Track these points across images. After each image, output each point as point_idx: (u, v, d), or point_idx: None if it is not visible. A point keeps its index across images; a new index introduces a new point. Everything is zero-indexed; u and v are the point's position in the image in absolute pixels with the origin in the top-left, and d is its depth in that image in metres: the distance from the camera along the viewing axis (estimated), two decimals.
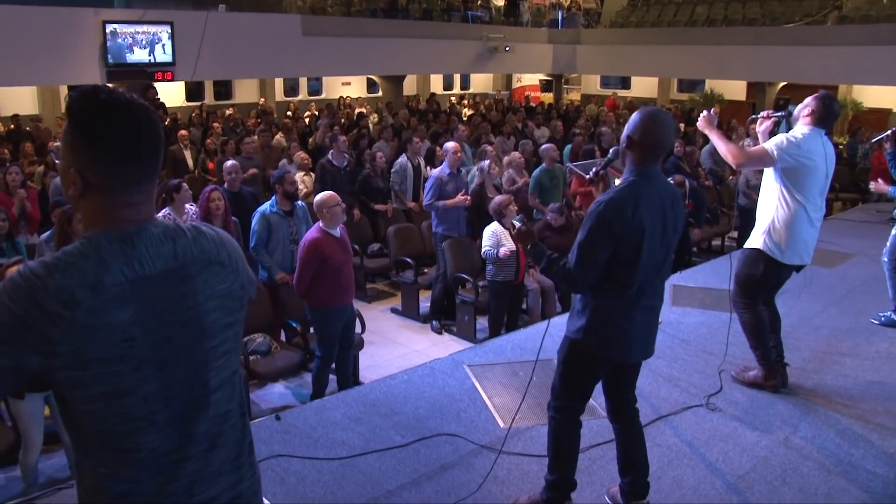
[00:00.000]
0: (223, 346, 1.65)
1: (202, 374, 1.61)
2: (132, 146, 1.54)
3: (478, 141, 11.55)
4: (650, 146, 2.98)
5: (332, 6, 16.19)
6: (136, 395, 1.51)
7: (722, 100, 19.78)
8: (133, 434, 1.53)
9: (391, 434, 4.14)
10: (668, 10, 21.12)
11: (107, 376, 1.48)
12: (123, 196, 1.55)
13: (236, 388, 1.71)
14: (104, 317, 1.46)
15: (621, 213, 2.90)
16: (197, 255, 1.61)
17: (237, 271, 1.70)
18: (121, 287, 1.48)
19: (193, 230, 1.64)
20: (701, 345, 5.39)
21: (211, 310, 1.62)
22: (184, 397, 1.58)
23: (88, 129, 1.52)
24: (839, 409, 4.49)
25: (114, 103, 1.52)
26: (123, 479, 1.55)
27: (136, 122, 1.53)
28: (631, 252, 2.94)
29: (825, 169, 4.30)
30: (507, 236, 6.76)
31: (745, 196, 9.62)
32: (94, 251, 1.48)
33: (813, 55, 15.79)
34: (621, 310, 3.05)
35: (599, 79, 24.20)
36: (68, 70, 11.66)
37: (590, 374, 3.23)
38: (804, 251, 4.39)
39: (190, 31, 12.18)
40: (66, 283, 1.43)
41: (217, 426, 1.65)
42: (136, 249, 1.52)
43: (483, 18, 19.12)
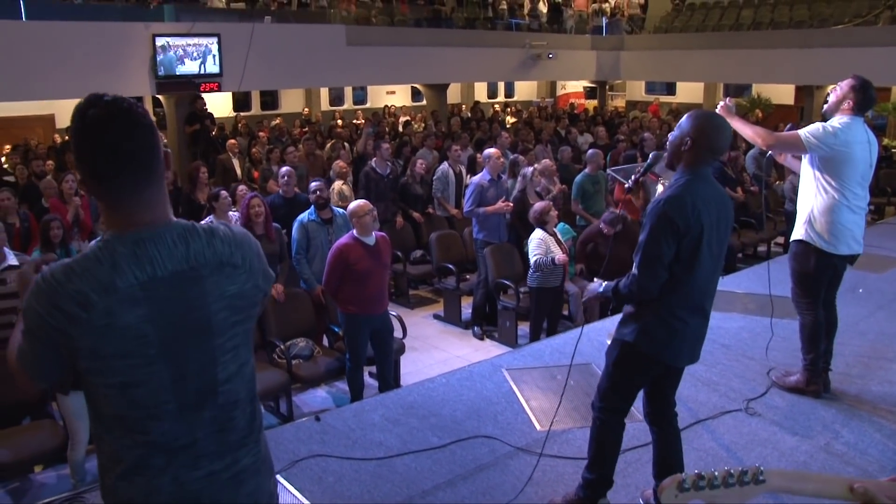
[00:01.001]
0: (231, 342, 1.74)
1: (210, 368, 1.71)
2: (109, 163, 1.63)
3: (515, 148, 11.56)
4: (708, 149, 3.00)
5: (376, 16, 16.38)
6: (148, 387, 1.65)
7: (769, 104, 19.45)
8: (145, 420, 1.67)
9: (428, 435, 4.20)
10: (712, 14, 20.87)
11: (122, 369, 1.63)
12: (123, 204, 1.66)
13: (246, 378, 1.80)
14: (118, 316, 1.59)
15: (682, 210, 2.91)
16: (209, 258, 1.69)
17: (251, 271, 1.77)
18: (132, 289, 1.60)
19: (208, 232, 1.72)
20: (741, 349, 5.34)
21: (219, 310, 1.71)
22: (193, 389, 1.70)
23: (75, 147, 1.65)
24: (884, 414, 4.41)
25: (94, 122, 1.61)
26: (136, 455, 1.69)
27: (113, 140, 1.61)
28: (691, 250, 2.95)
29: (868, 157, 4.21)
30: (553, 242, 6.79)
31: (792, 202, 9.42)
32: (108, 255, 1.61)
33: (863, 57, 15.41)
34: (677, 311, 3.05)
35: (644, 85, 24.00)
36: (120, 82, 11.96)
37: (640, 377, 3.23)
38: (851, 238, 4.27)
39: (236, 43, 12.44)
40: (82, 287, 1.57)
41: (226, 412, 1.76)
42: (147, 252, 1.63)
43: (529, 26, 19.14)
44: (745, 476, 1.45)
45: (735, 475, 1.44)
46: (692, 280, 2.99)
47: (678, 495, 1.44)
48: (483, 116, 18.29)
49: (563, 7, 20.52)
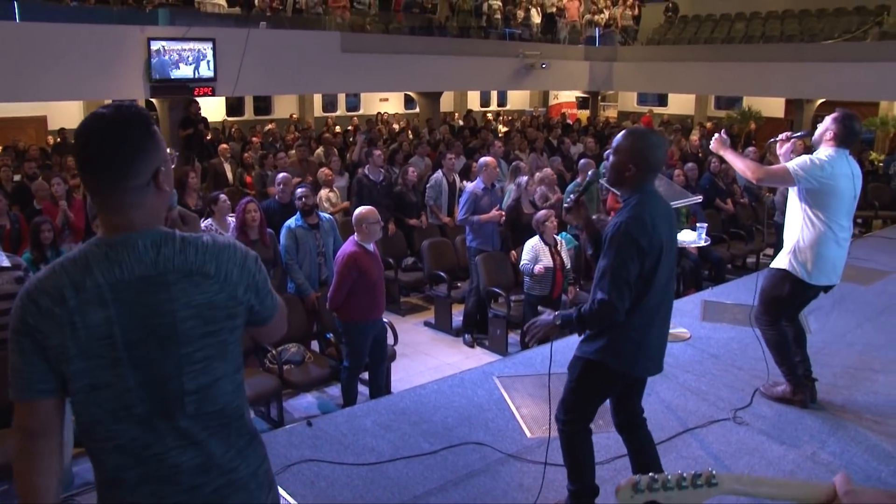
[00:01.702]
0: (201, 353, 1.72)
1: (176, 376, 1.70)
2: (82, 158, 1.70)
3: (508, 156, 11.62)
4: (650, 169, 3.07)
5: (370, 23, 16.44)
6: (114, 389, 1.67)
7: (760, 117, 19.60)
8: (113, 424, 1.69)
9: (420, 441, 4.23)
10: (705, 27, 21.04)
11: (88, 370, 1.66)
12: (99, 205, 1.72)
13: (223, 391, 1.77)
14: (86, 316, 1.64)
15: (644, 228, 2.96)
16: (178, 265, 1.70)
17: (225, 282, 1.75)
18: (101, 289, 1.65)
19: (182, 240, 1.73)
20: (730, 360, 5.40)
21: (186, 318, 1.69)
22: (158, 396, 1.70)
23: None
24: (869, 425, 4.47)
25: (84, 122, 1.70)
26: (111, 463, 1.72)
27: (86, 137, 1.69)
28: (652, 266, 3.01)
29: (852, 190, 4.30)
30: (545, 251, 6.83)
31: (783, 214, 9.51)
32: (83, 256, 1.68)
33: (853, 71, 15.60)
34: (641, 325, 3.09)
35: (636, 96, 24.15)
36: (114, 85, 11.99)
37: (606, 391, 3.29)
38: (832, 272, 4.37)
39: (231, 48, 12.46)
40: (57, 283, 1.65)
41: (198, 425, 1.74)
42: (118, 255, 1.67)
43: (521, 36, 19.23)
44: (698, 479, 1.50)
45: (688, 478, 1.49)
46: (652, 293, 3.05)
47: (633, 496, 1.50)
48: (475, 125, 18.36)
49: (557, 17, 20.62)
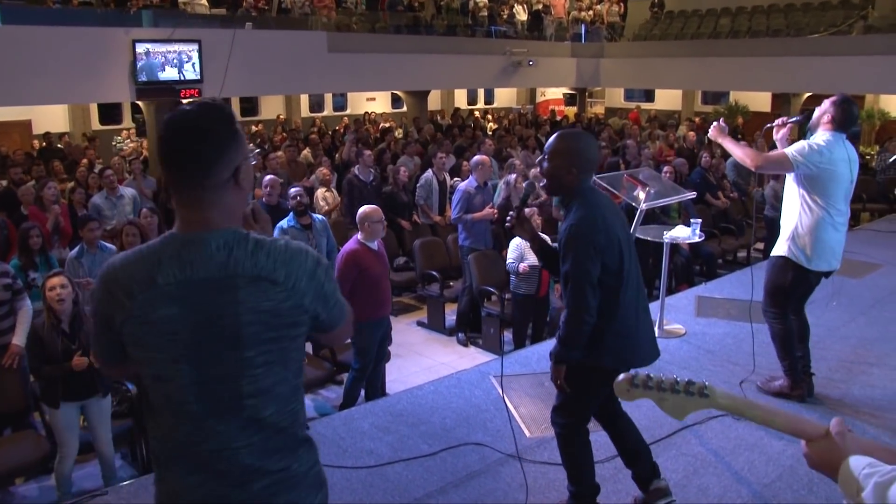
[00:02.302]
0: (262, 358, 1.71)
1: (235, 379, 1.70)
2: (167, 153, 1.74)
3: (499, 154, 11.60)
4: (589, 169, 3.10)
5: (356, 23, 16.38)
6: (175, 384, 1.71)
7: (746, 111, 19.67)
8: (173, 415, 1.73)
9: (418, 443, 4.20)
10: (691, 23, 21.08)
11: (153, 362, 1.71)
12: (177, 200, 1.76)
13: (281, 396, 1.76)
14: (153, 310, 1.68)
15: (596, 226, 2.98)
16: (247, 269, 1.70)
17: (293, 290, 1.73)
18: (169, 287, 1.68)
19: (255, 244, 1.73)
20: (726, 355, 5.40)
21: (250, 322, 1.69)
22: (215, 396, 1.71)
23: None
24: (866, 418, 4.47)
25: (171, 117, 1.74)
26: (168, 449, 1.76)
27: (172, 133, 1.72)
28: (617, 260, 3.02)
29: (849, 174, 4.29)
30: (530, 250, 6.80)
31: (773, 208, 9.55)
32: (157, 252, 1.71)
33: (838, 65, 15.68)
34: (626, 318, 3.10)
35: (623, 92, 24.18)
36: (99, 88, 11.90)
37: (601, 390, 3.25)
38: (832, 256, 4.36)
39: (217, 49, 12.37)
40: (129, 278, 1.70)
41: (252, 427, 1.73)
42: (189, 254, 1.69)
43: (507, 33, 19.21)
44: (691, 387, 1.52)
45: (681, 385, 1.51)
46: (626, 286, 3.06)
47: (629, 390, 1.57)
48: (463, 123, 18.35)
49: (543, 14, 20.61)
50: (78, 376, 4.55)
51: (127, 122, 17.48)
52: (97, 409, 4.73)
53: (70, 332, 4.60)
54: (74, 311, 4.66)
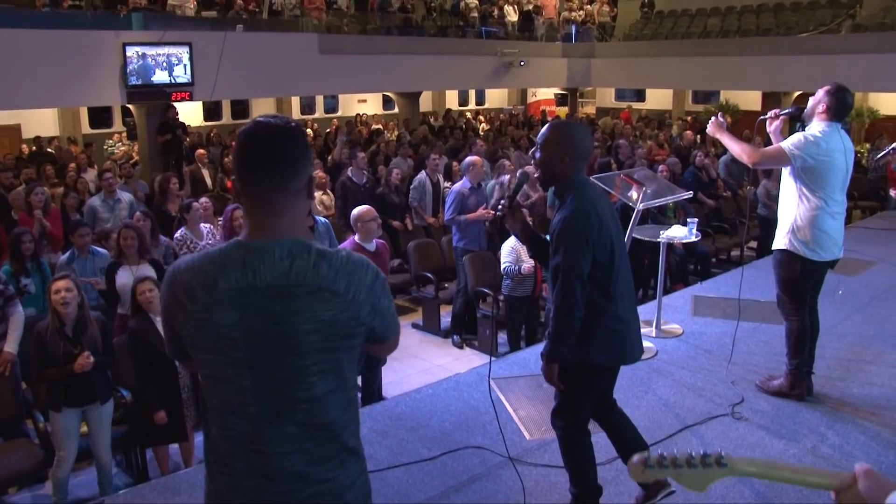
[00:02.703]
0: (318, 367, 1.75)
1: (291, 384, 1.74)
2: (251, 156, 1.78)
3: (494, 154, 11.59)
4: (582, 157, 3.07)
5: (347, 24, 16.34)
6: (232, 385, 1.76)
7: (737, 110, 19.72)
8: (229, 415, 1.78)
9: (418, 447, 4.17)
10: (681, 22, 21.12)
11: (212, 363, 1.77)
12: (252, 203, 1.80)
13: (335, 404, 1.79)
14: (215, 314, 1.72)
15: (588, 220, 2.95)
16: (310, 279, 1.73)
17: (353, 302, 1.76)
18: (231, 292, 1.72)
19: (318, 254, 1.76)
20: (724, 355, 5.38)
21: (309, 331, 1.72)
22: (272, 400, 1.75)
23: (235, 144, 1.85)
24: (866, 416, 4.47)
25: (256, 124, 1.81)
26: (223, 449, 1.80)
27: (260, 137, 1.79)
28: (607, 255, 3.00)
29: (845, 164, 4.28)
30: (524, 251, 6.78)
31: (766, 206, 9.58)
32: (222, 257, 1.76)
33: (828, 64, 15.71)
34: (616, 314, 3.08)
35: (614, 92, 24.21)
36: (89, 92, 11.83)
37: (597, 387, 3.24)
38: (833, 245, 4.34)
39: (208, 52, 12.30)
40: (192, 281, 1.74)
41: (305, 433, 1.77)
42: (254, 261, 1.73)
43: (498, 34, 19.20)
44: (708, 459, 1.49)
45: (697, 458, 1.49)
46: (617, 281, 3.04)
47: (644, 472, 1.50)
48: (455, 124, 18.32)
49: (534, 15, 20.61)
50: (80, 382, 4.53)
51: (117, 125, 17.38)
52: (98, 416, 4.70)
53: (73, 335, 4.56)
54: (79, 314, 4.62)
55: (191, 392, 5.01)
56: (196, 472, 4.05)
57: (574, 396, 3.21)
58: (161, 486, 4.00)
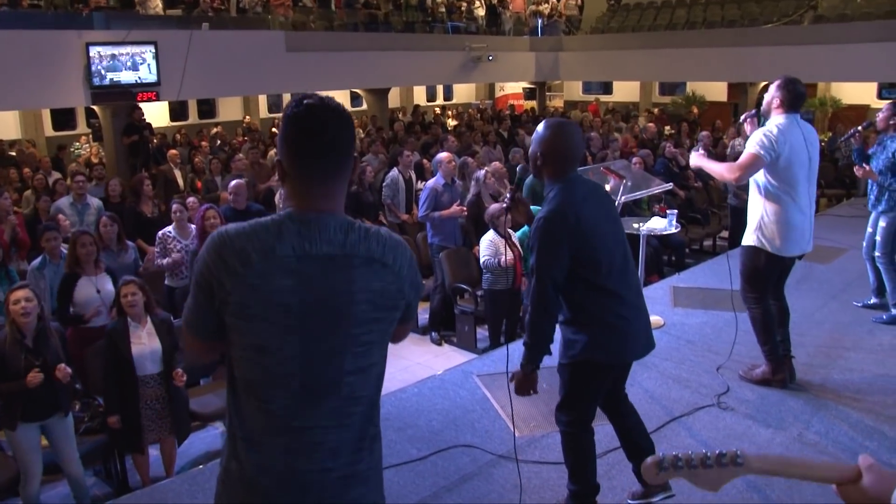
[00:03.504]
0: (366, 336, 1.79)
1: (340, 354, 1.77)
2: (310, 148, 1.79)
3: (467, 149, 11.55)
4: (562, 158, 3.05)
5: (314, 21, 16.19)
6: (279, 355, 1.74)
7: (703, 101, 19.91)
8: (270, 388, 1.75)
9: (407, 447, 4.13)
10: (647, 15, 21.27)
11: (260, 332, 1.73)
12: (309, 186, 1.81)
13: (371, 379, 1.84)
14: (270, 280, 1.71)
15: (563, 221, 2.95)
16: (362, 251, 1.78)
17: (399, 274, 1.83)
18: (288, 259, 1.73)
19: (365, 230, 1.82)
20: (706, 345, 5.42)
21: (361, 301, 1.77)
22: (319, 370, 1.76)
23: (287, 129, 1.80)
24: (849, 402, 4.52)
25: (311, 108, 1.78)
26: (256, 425, 1.77)
27: (320, 122, 1.78)
28: (591, 252, 2.98)
29: (807, 153, 4.28)
30: (504, 245, 6.76)
31: (735, 196, 9.68)
32: (276, 225, 1.76)
33: (792, 54, 15.92)
34: (614, 309, 3.06)
35: (581, 85, 24.33)
36: (52, 93, 11.58)
37: (600, 385, 3.23)
38: (800, 239, 4.36)
39: (174, 51, 12.10)
40: (246, 246, 1.72)
41: (347, 407, 1.79)
42: (310, 231, 1.75)
43: (465, 29, 19.16)
44: (723, 458, 1.47)
45: (712, 457, 1.47)
46: (606, 278, 3.02)
47: (658, 474, 1.48)
48: (424, 120, 18.25)
49: (501, 9, 20.59)
50: (38, 395, 4.32)
51: (82, 127, 17.05)
52: (60, 429, 4.52)
53: (34, 347, 4.41)
54: (39, 325, 4.46)
55: (166, 403, 4.87)
56: (181, 482, 3.98)
57: (577, 393, 3.20)
58: (146, 496, 3.91)
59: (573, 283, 3.02)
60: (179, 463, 5.00)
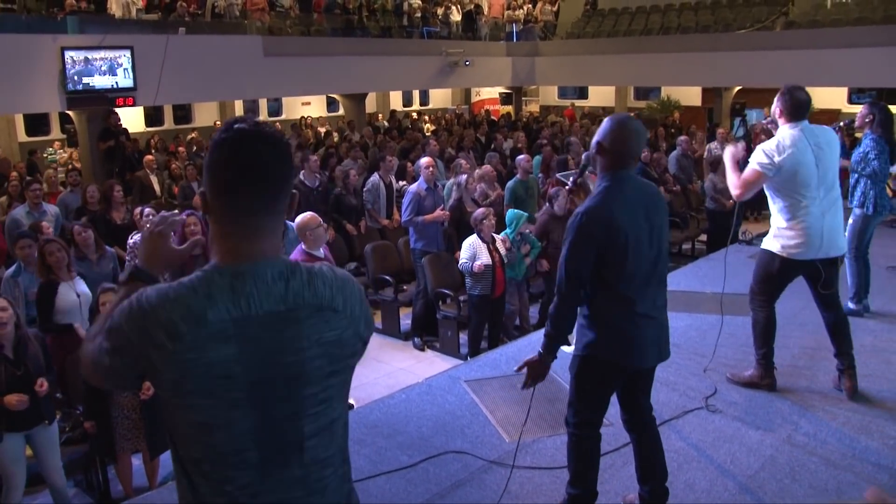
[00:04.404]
0: (324, 394, 1.62)
1: (297, 420, 1.59)
2: (239, 179, 1.57)
3: (442, 154, 11.53)
4: (618, 153, 3.04)
5: (291, 27, 16.11)
6: (229, 431, 1.53)
7: (678, 106, 20.08)
8: (225, 469, 1.55)
9: (397, 455, 4.09)
10: (622, 20, 21.42)
11: (203, 408, 1.52)
12: (233, 225, 1.59)
13: (336, 436, 1.67)
14: (204, 351, 1.49)
15: (600, 219, 2.95)
16: (308, 299, 1.59)
17: (351, 317, 1.65)
18: (224, 324, 1.50)
19: (309, 272, 1.62)
20: (692, 348, 5.43)
21: (315, 357, 1.59)
22: (277, 440, 1.57)
23: (213, 152, 1.60)
24: (835, 403, 4.55)
25: (242, 133, 1.58)
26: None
27: (249, 155, 1.57)
28: (619, 257, 2.97)
29: (813, 159, 4.23)
30: (483, 249, 6.75)
31: (714, 200, 9.78)
32: (204, 286, 1.53)
33: (764, 59, 16.12)
34: (625, 317, 3.05)
35: (557, 90, 24.43)
36: (26, 98, 11.40)
37: (607, 385, 3.22)
38: (814, 244, 4.29)
39: (150, 56, 11.96)
40: (172, 316, 1.48)
41: (315, 473, 1.63)
42: (245, 287, 1.54)
43: (442, 34, 19.17)
44: None
45: None
46: (626, 284, 3.01)
47: None
48: (400, 125, 18.22)
49: (476, 15, 20.62)
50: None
51: (55, 132, 16.81)
52: (44, 438, 4.46)
53: (14, 357, 4.32)
54: (18, 335, 4.38)
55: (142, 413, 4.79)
56: (167, 493, 3.91)
57: (583, 390, 3.21)
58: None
59: (592, 281, 3.03)
60: (163, 473, 4.91)
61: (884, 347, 5.38)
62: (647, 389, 3.37)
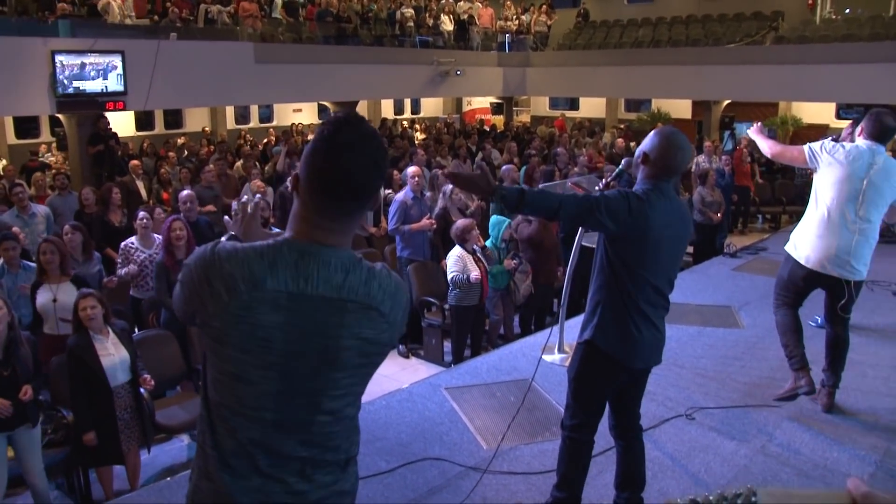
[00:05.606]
0: (348, 380, 1.74)
1: (318, 395, 1.71)
2: (335, 188, 1.69)
3: (429, 164, 11.59)
4: (664, 167, 3.09)
5: (282, 33, 16.16)
6: (254, 388, 1.68)
7: (668, 118, 20.21)
8: (242, 418, 1.70)
9: (376, 460, 4.12)
10: (613, 32, 21.58)
11: (238, 362, 1.67)
12: (317, 216, 1.71)
13: (346, 419, 1.79)
14: (254, 312, 1.63)
15: (639, 203, 2.98)
16: (361, 296, 1.70)
17: (393, 323, 1.77)
18: (279, 294, 1.64)
19: (370, 272, 1.73)
20: (672, 358, 5.47)
21: (349, 347, 1.70)
22: (294, 408, 1.70)
23: (317, 155, 1.70)
24: (809, 413, 4.62)
25: (349, 147, 1.67)
26: (226, 447, 1.71)
27: (359, 169, 1.68)
28: (636, 254, 3.03)
29: (863, 178, 4.18)
30: (471, 261, 6.80)
31: (700, 213, 9.86)
32: (270, 254, 1.66)
33: (754, 74, 16.28)
34: (627, 312, 3.10)
35: (548, 100, 24.55)
36: (16, 101, 11.40)
37: (603, 382, 3.25)
38: (822, 256, 4.29)
39: (142, 60, 12.00)
40: (235, 273, 1.63)
41: (321, 446, 1.75)
42: (308, 267, 1.66)
43: (434, 43, 19.26)
44: (739, 498, 1.49)
45: (730, 497, 1.48)
46: (635, 284, 3.06)
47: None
48: (392, 133, 18.28)
49: (468, 25, 20.72)
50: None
51: (45, 135, 16.79)
52: (26, 440, 4.47)
53: (4, 357, 4.34)
54: (10, 335, 4.40)
55: (134, 412, 4.85)
56: (147, 494, 3.93)
57: (581, 386, 3.26)
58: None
59: (610, 276, 3.08)
60: (144, 476, 4.93)
61: (860, 360, 5.43)
62: (638, 397, 3.43)
